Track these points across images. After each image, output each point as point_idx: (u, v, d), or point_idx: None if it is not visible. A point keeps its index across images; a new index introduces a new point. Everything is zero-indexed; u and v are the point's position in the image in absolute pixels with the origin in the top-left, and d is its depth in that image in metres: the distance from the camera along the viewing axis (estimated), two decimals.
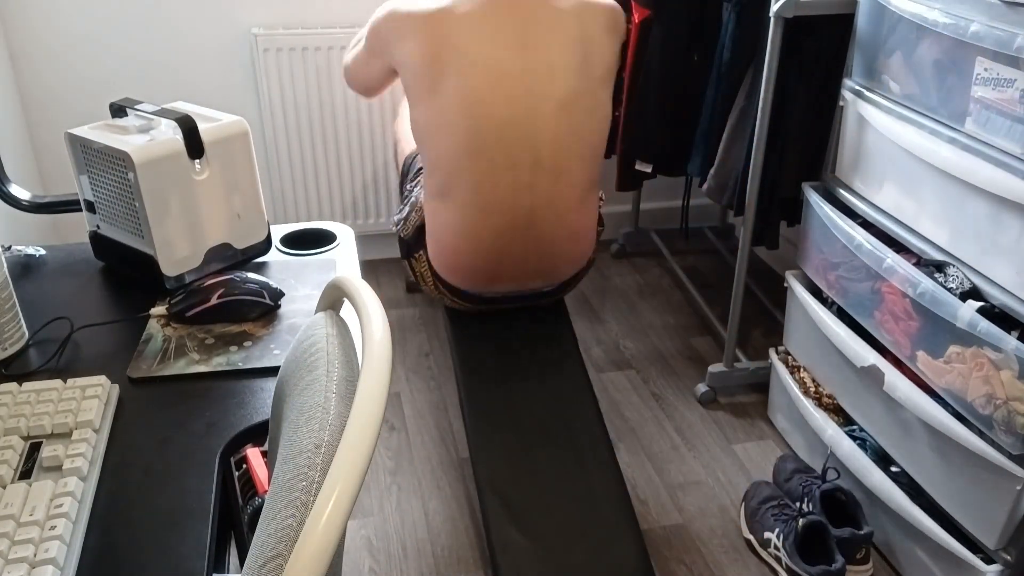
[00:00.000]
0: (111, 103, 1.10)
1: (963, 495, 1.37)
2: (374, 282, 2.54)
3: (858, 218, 1.62)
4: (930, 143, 1.39)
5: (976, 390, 1.29)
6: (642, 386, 2.11)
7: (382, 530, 1.68)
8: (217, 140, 1.06)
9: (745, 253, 1.86)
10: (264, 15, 2.26)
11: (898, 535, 1.56)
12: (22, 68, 2.18)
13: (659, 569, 1.60)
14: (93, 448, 0.78)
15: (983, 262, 1.33)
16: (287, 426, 0.62)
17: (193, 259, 1.08)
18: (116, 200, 1.05)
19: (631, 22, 2.04)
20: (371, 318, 0.60)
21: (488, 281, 1.62)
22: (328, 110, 2.34)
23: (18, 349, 0.95)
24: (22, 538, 0.67)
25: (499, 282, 1.63)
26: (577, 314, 2.40)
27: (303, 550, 0.45)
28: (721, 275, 2.60)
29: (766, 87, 1.69)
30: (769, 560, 1.61)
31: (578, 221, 1.60)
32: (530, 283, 1.66)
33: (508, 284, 1.64)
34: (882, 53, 1.51)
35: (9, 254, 1.14)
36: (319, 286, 1.09)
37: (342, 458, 0.48)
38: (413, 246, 1.68)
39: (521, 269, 1.62)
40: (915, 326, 1.41)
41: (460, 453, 1.88)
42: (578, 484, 1.50)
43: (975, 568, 1.36)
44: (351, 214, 2.50)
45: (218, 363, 0.93)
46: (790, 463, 1.76)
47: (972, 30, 1.25)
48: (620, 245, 2.72)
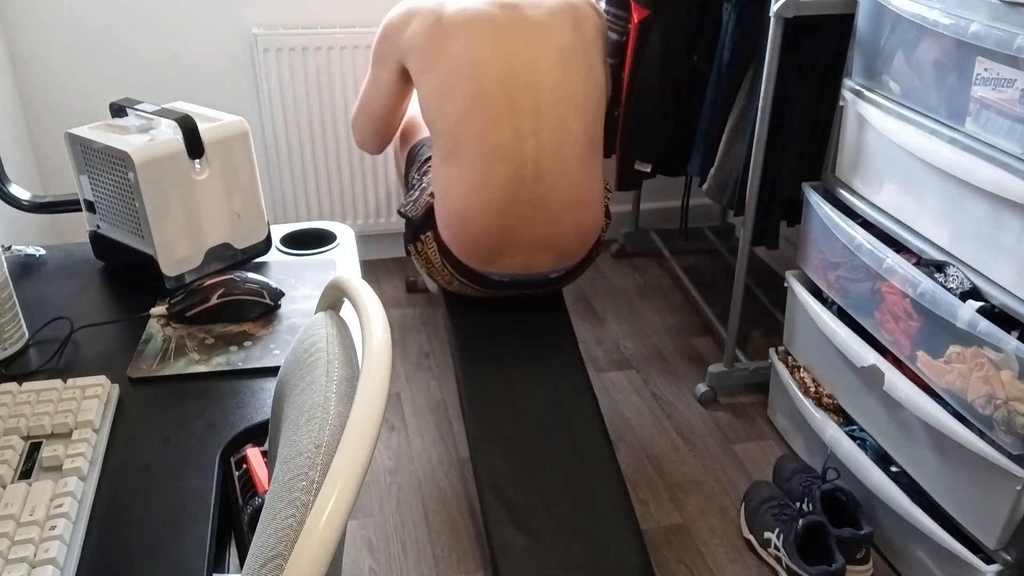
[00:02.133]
0: (111, 103, 1.10)
1: (963, 495, 1.37)
2: (374, 282, 2.54)
3: (858, 218, 1.62)
4: (930, 143, 1.39)
5: (976, 390, 1.29)
6: (642, 386, 2.11)
7: (382, 530, 1.68)
8: (217, 140, 1.06)
9: (745, 253, 1.86)
10: (264, 15, 2.26)
11: (898, 535, 1.56)
12: (22, 68, 2.18)
13: (659, 569, 1.60)
14: (93, 448, 0.78)
15: (983, 262, 1.33)
16: (287, 426, 0.62)
17: (193, 259, 1.08)
18: (116, 200, 1.05)
19: (631, 22, 2.04)
20: (371, 318, 0.60)
21: (496, 250, 1.62)
22: (328, 110, 2.34)
23: (18, 349, 0.95)
24: (22, 538, 0.67)
25: (507, 255, 1.63)
26: (577, 314, 2.40)
27: (303, 550, 0.45)
28: (721, 275, 2.60)
29: (766, 87, 1.69)
30: (769, 560, 1.61)
31: (583, 178, 1.63)
32: (538, 261, 1.65)
33: (516, 259, 1.64)
34: (882, 53, 1.51)
35: (9, 254, 1.14)
36: (319, 286, 1.09)
37: (342, 458, 0.48)
38: (420, 227, 1.69)
39: (529, 237, 1.62)
40: (915, 326, 1.41)
41: (460, 453, 1.88)
42: (578, 484, 1.50)
43: (975, 568, 1.36)
44: (351, 214, 2.50)
45: (218, 363, 0.93)
46: (790, 463, 1.76)
47: (972, 30, 1.25)
48: (620, 245, 2.72)
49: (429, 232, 1.67)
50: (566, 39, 1.60)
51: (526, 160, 1.58)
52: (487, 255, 1.62)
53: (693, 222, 2.75)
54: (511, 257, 1.64)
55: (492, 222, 1.59)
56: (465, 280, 1.69)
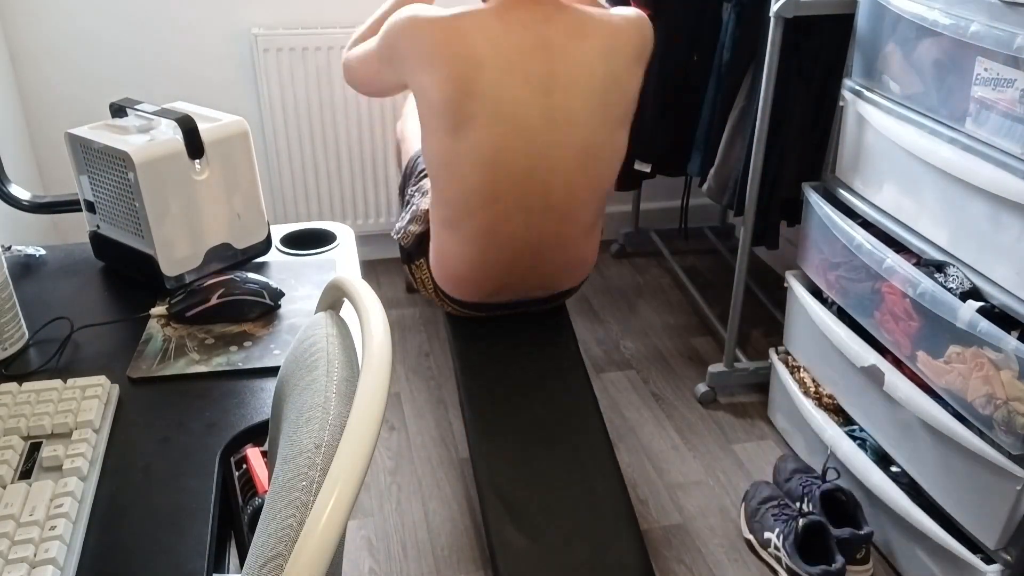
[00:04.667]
0: (111, 103, 1.10)
1: (963, 495, 1.37)
2: (374, 282, 2.54)
3: (858, 218, 1.62)
4: (930, 143, 1.39)
5: (976, 390, 1.29)
6: (642, 386, 2.11)
7: (382, 530, 1.68)
8: (217, 140, 1.06)
9: (745, 253, 1.86)
10: (264, 15, 2.26)
11: (898, 535, 1.56)
12: (22, 68, 2.18)
13: (659, 569, 1.60)
14: (93, 448, 0.78)
15: (983, 262, 1.32)
16: (287, 426, 0.62)
17: (193, 259, 1.08)
18: (116, 200, 1.05)
19: None
20: (371, 318, 0.60)
21: (489, 296, 1.64)
22: (328, 110, 2.34)
23: (18, 349, 0.95)
24: (22, 538, 0.67)
25: (500, 295, 1.64)
26: (577, 314, 2.40)
27: (303, 550, 0.45)
28: (721, 275, 2.60)
29: (766, 87, 1.69)
30: (769, 560, 1.61)
31: (581, 252, 1.63)
32: (532, 295, 1.67)
33: (509, 296, 1.65)
34: (882, 53, 1.51)
35: (9, 254, 1.14)
36: (319, 286, 1.09)
37: (342, 458, 0.48)
38: (414, 254, 1.68)
39: (522, 288, 1.64)
40: (915, 326, 1.41)
41: (460, 453, 1.88)
42: (578, 484, 1.50)
43: (975, 568, 1.36)
44: (351, 214, 2.50)
45: (218, 363, 0.93)
46: (790, 463, 1.76)
47: (972, 30, 1.25)
48: (620, 245, 2.72)
49: (422, 259, 1.66)
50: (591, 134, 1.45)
51: (527, 247, 1.56)
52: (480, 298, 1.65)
53: (693, 222, 2.75)
54: (504, 296, 1.66)
55: (487, 285, 1.60)
56: (459, 308, 1.70)
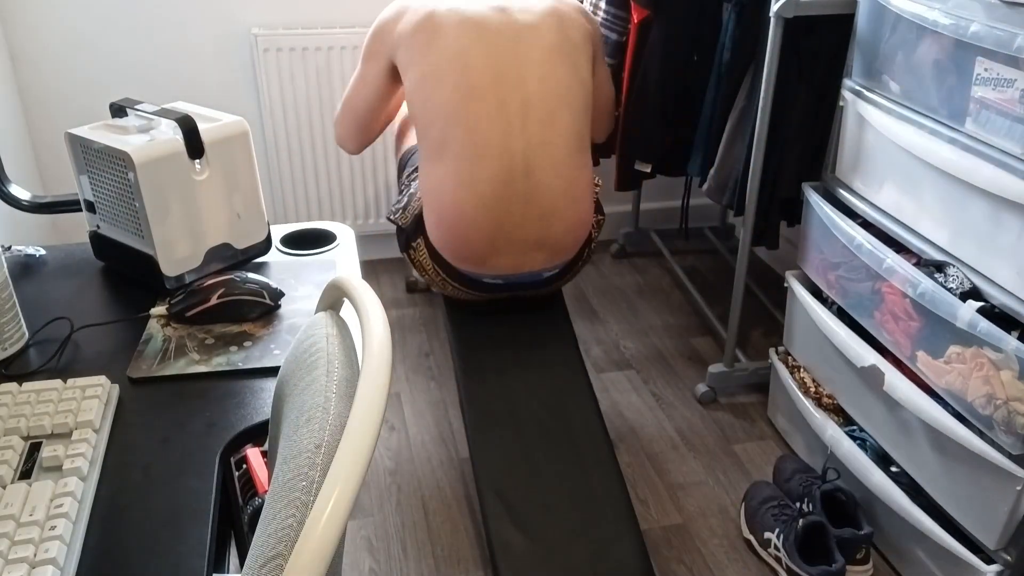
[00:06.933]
0: (111, 103, 1.10)
1: (963, 495, 1.37)
2: (374, 282, 2.54)
3: (858, 218, 1.62)
4: (930, 143, 1.39)
5: (976, 390, 1.29)
6: (642, 386, 2.11)
7: (382, 530, 1.68)
8: (217, 140, 1.06)
9: (745, 253, 1.86)
10: (264, 15, 2.26)
11: (898, 535, 1.56)
12: (22, 68, 2.18)
13: (659, 569, 1.60)
14: (93, 448, 0.78)
15: (983, 262, 1.33)
16: (287, 426, 0.62)
17: (193, 259, 1.08)
18: (116, 200, 1.05)
19: (631, 22, 2.04)
20: (371, 318, 0.60)
21: (487, 248, 1.61)
22: (328, 110, 2.34)
23: (18, 349, 0.95)
24: (22, 538, 0.67)
25: (498, 254, 1.62)
26: (577, 314, 2.40)
27: (303, 550, 0.45)
28: (721, 275, 2.60)
29: (766, 87, 1.69)
30: (769, 560, 1.61)
31: (572, 173, 1.63)
32: (530, 260, 1.65)
33: (507, 258, 1.63)
34: (882, 53, 1.51)
35: (9, 254, 1.14)
36: (319, 286, 1.09)
37: (342, 458, 0.48)
38: (412, 235, 1.69)
39: (520, 234, 1.61)
40: (915, 326, 1.41)
41: (460, 453, 1.88)
42: (578, 484, 1.50)
43: (975, 568, 1.36)
44: (351, 214, 2.50)
45: (218, 363, 0.93)
46: (790, 463, 1.76)
47: (972, 30, 1.25)
48: (620, 245, 2.72)
49: (419, 239, 1.67)
50: (552, 39, 1.63)
51: (515, 156, 1.58)
52: (478, 254, 1.62)
53: (693, 222, 2.75)
54: (502, 256, 1.63)
55: (482, 218, 1.58)
56: (458, 285, 1.69)
